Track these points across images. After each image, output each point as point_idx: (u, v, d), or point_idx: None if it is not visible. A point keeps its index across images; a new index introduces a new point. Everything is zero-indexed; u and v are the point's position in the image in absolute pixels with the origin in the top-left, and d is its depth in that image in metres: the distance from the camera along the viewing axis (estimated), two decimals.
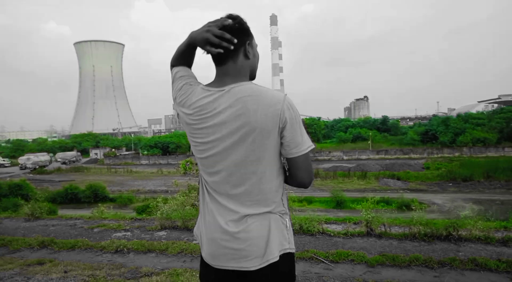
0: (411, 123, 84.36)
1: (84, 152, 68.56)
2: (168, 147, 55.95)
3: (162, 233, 6.08)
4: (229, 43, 1.47)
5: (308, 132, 1.61)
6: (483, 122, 47.29)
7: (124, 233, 6.23)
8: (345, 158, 46.78)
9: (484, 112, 57.24)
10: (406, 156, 44.46)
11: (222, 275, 1.57)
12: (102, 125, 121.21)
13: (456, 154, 42.62)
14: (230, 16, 1.52)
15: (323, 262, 4.49)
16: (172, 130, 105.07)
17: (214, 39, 1.48)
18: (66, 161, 58.20)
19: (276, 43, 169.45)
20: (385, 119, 64.85)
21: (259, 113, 1.42)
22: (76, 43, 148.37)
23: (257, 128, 1.42)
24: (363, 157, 46.09)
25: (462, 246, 4.77)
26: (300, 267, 4.38)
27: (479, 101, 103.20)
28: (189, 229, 6.09)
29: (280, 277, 1.54)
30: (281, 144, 1.49)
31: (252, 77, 1.64)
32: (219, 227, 1.52)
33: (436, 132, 47.71)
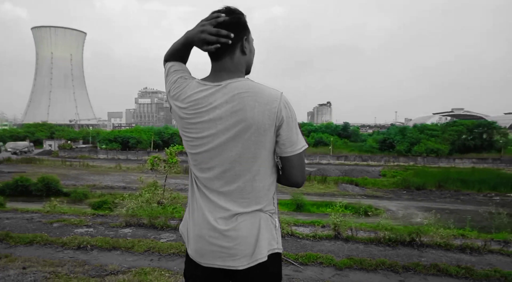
0: (370, 131, 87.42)
1: (38, 143, 65.11)
2: (128, 141, 54.43)
3: (127, 230, 5.89)
4: (227, 38, 1.45)
5: (302, 133, 1.61)
6: (437, 134, 49.74)
7: (86, 229, 5.98)
8: (306, 161, 47.45)
9: (438, 124, 60.28)
10: (365, 163, 45.89)
11: (209, 273, 1.55)
12: (58, 116, 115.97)
13: (411, 163, 44.49)
14: (228, 9, 1.49)
15: (292, 264, 4.53)
16: (133, 125, 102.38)
17: (210, 38, 1.46)
18: (17, 151, 55.02)
19: None
20: (346, 125, 66.66)
21: (256, 111, 1.40)
22: (34, 28, 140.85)
23: (253, 126, 1.41)
24: (324, 161, 47.08)
25: (424, 252, 4.98)
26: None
27: (434, 113, 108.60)
28: (155, 227, 5.95)
29: (267, 277, 1.53)
30: (276, 142, 1.48)
31: (247, 72, 1.62)
32: (208, 224, 1.49)
33: (393, 141, 49.65)
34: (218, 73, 1.52)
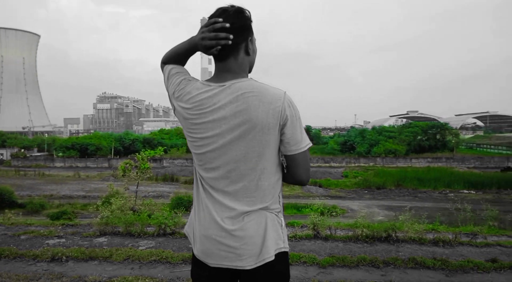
0: (331, 133, 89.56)
1: None
2: (87, 148, 52.34)
3: (102, 239, 5.68)
4: (226, 40, 1.47)
5: (307, 132, 1.66)
6: (394, 135, 51.80)
7: (58, 240, 5.70)
8: None
9: (395, 126, 62.79)
10: (327, 164, 46.85)
11: (216, 273, 1.56)
12: (10, 123, 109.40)
13: (371, 164, 45.98)
14: (235, 9, 1.49)
15: None
16: (92, 131, 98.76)
17: (211, 43, 1.48)
18: None
19: None
20: (308, 128, 68.05)
21: (260, 110, 1.43)
22: None
23: (257, 125, 1.44)
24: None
25: (401, 247, 5.18)
26: None
27: (390, 116, 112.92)
28: (132, 235, 5.78)
29: (275, 276, 1.56)
30: (281, 141, 1.51)
31: (249, 71, 1.65)
32: (215, 224, 1.50)
33: (354, 143, 51.13)
34: (222, 74, 1.54)
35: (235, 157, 1.49)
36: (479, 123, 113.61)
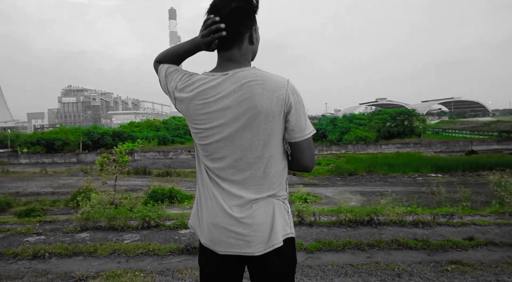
0: None
1: None
2: (53, 143, 50.55)
3: (84, 234, 5.55)
4: (219, 32, 1.48)
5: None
6: (365, 123, 52.99)
7: (37, 237, 5.52)
8: None
9: (365, 113, 64.15)
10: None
11: (225, 261, 1.58)
12: None
13: (343, 151, 46.88)
14: None
15: None
16: (57, 125, 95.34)
17: (207, 39, 1.51)
18: None
19: (175, 38, 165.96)
20: None
21: (265, 98, 1.45)
22: None
23: (262, 113, 1.45)
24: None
25: (383, 230, 5.35)
26: None
27: (360, 103, 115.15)
28: (115, 229, 5.67)
29: (283, 261, 1.59)
30: (285, 128, 1.53)
31: (252, 60, 1.66)
32: (223, 212, 1.51)
33: (326, 131, 51.93)
34: (225, 63, 1.54)
35: (242, 146, 1.49)
36: (444, 109, 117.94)
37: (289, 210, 1.65)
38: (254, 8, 1.53)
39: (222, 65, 1.54)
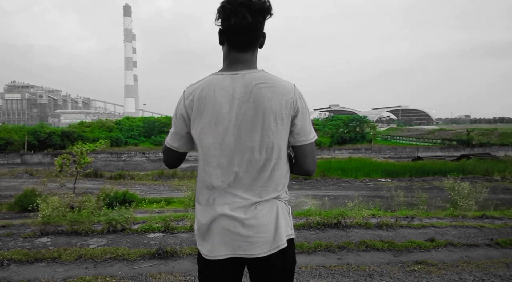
0: None
1: None
2: None
3: (45, 239, 5.25)
4: None
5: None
6: (319, 128, 54.43)
7: None
8: None
9: (319, 119, 65.92)
10: None
11: (226, 265, 1.58)
12: None
13: None
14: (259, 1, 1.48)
15: None
16: None
17: None
18: None
19: (129, 36, 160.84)
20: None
21: (274, 101, 1.49)
22: None
23: (271, 115, 1.49)
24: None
25: (350, 232, 5.54)
26: None
27: (314, 109, 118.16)
28: (79, 233, 5.41)
29: (286, 261, 1.62)
30: (291, 131, 1.58)
31: None
32: (227, 215, 1.53)
33: None
34: (235, 64, 1.56)
35: (251, 148, 1.51)
36: (393, 116, 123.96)
37: (290, 211, 1.69)
38: (271, 12, 1.55)
39: (232, 66, 1.55)
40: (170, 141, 1.63)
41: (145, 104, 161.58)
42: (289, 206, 1.68)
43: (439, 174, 31.99)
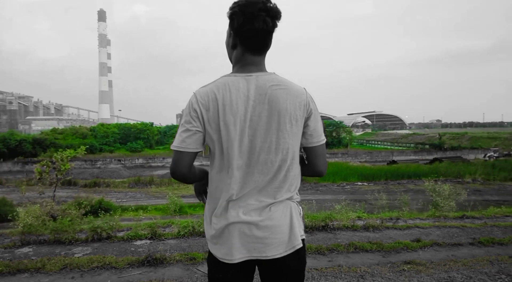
0: None
1: None
2: None
3: (27, 249, 5.05)
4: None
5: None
6: None
7: None
8: None
9: None
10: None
11: (240, 268, 1.58)
12: None
13: None
14: (271, 7, 1.51)
15: None
16: None
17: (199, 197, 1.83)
18: None
19: (104, 41, 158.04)
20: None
21: (289, 103, 1.52)
22: None
23: (287, 117, 1.51)
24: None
25: (338, 234, 5.59)
26: None
27: None
28: (62, 242, 5.23)
29: (300, 262, 1.63)
30: (303, 133, 1.60)
31: None
32: (241, 218, 1.52)
33: None
34: (247, 66, 1.58)
35: (267, 149, 1.52)
36: (368, 121, 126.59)
37: (301, 212, 1.69)
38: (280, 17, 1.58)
39: (245, 67, 1.56)
40: (185, 143, 1.52)
41: (120, 110, 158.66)
42: (300, 207, 1.69)
43: (414, 177, 32.88)
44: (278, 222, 1.54)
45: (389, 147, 59.67)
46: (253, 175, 1.53)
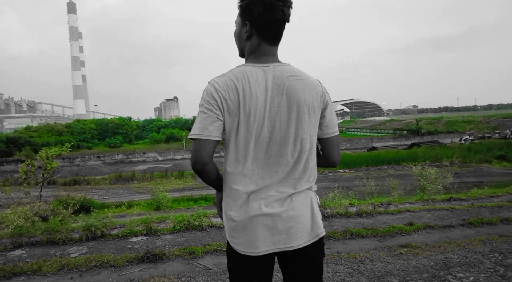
0: None
1: None
2: None
3: (19, 252, 4.91)
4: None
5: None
6: None
7: None
8: (160, 158, 46.56)
9: None
10: (218, 154, 47.56)
11: (263, 260, 1.58)
12: None
13: None
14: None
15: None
16: None
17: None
18: None
19: (75, 34, 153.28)
20: (195, 119, 67.73)
21: (307, 93, 1.53)
22: None
23: (305, 107, 1.53)
24: (178, 156, 46.84)
25: (332, 222, 5.67)
26: (210, 261, 4.36)
27: None
28: (55, 243, 5.11)
29: (320, 250, 1.66)
30: (320, 124, 1.62)
31: None
32: (263, 210, 1.52)
33: None
34: (263, 56, 1.59)
35: (287, 140, 1.52)
36: (346, 109, 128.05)
37: (319, 202, 1.71)
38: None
39: (260, 58, 1.56)
40: (207, 131, 1.47)
41: (96, 105, 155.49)
42: (317, 196, 1.71)
43: (393, 162, 33.61)
44: (300, 211, 1.55)
45: (368, 134, 60.66)
46: (273, 166, 1.53)
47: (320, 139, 1.67)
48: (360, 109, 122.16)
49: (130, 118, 65.70)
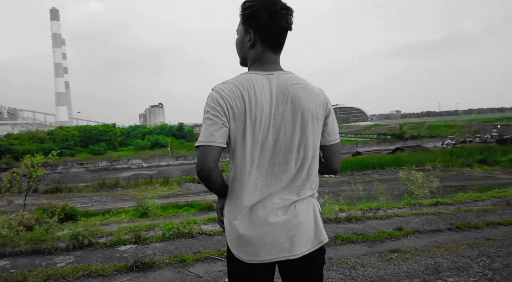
0: None
1: None
2: None
3: (3, 262, 4.75)
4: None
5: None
6: None
7: None
8: (145, 165, 46.10)
9: None
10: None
11: (265, 267, 1.58)
12: None
13: None
14: (287, 6, 1.55)
15: (219, 259, 4.54)
16: None
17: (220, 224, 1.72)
18: None
19: (58, 41, 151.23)
20: (181, 126, 67.51)
21: (310, 101, 1.55)
22: None
23: (309, 115, 1.54)
24: (163, 163, 46.49)
25: (324, 227, 5.67)
26: (201, 269, 4.31)
27: None
28: (41, 253, 4.98)
29: (322, 256, 1.67)
30: (322, 131, 1.63)
31: None
32: (267, 219, 1.51)
33: None
34: (267, 64, 1.60)
35: (291, 147, 1.53)
36: None
37: (320, 208, 1.72)
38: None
39: (264, 66, 1.57)
40: (213, 137, 1.45)
41: (79, 112, 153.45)
42: (319, 203, 1.71)
43: (378, 167, 34.01)
44: (303, 219, 1.55)
45: (353, 139, 61.27)
46: (278, 173, 1.53)
47: (322, 147, 1.67)
48: (344, 114, 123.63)
49: (114, 125, 64.82)
